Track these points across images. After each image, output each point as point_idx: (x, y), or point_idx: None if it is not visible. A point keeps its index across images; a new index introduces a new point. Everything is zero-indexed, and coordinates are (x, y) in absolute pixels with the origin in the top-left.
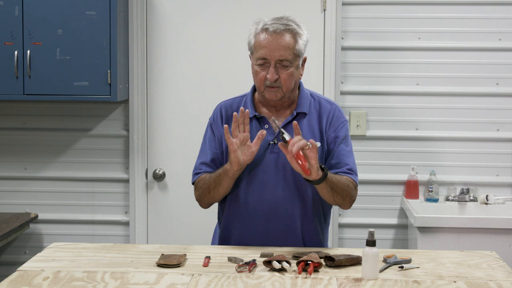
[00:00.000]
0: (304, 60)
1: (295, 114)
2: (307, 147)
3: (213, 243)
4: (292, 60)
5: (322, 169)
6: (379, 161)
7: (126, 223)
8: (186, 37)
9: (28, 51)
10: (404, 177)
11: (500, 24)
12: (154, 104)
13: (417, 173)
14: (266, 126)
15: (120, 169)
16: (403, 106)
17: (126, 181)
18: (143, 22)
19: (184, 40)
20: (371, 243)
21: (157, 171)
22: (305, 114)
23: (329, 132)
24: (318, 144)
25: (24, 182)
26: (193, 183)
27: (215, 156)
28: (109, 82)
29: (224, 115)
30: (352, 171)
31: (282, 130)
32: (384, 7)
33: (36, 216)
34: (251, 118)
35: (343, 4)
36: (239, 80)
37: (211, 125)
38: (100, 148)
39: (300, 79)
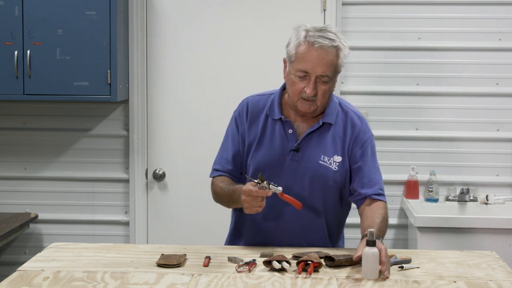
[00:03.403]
0: (339, 72)
1: (321, 123)
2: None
3: (226, 240)
4: (332, 76)
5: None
6: (379, 161)
7: (126, 223)
8: (186, 37)
9: (28, 51)
10: (404, 177)
11: (500, 24)
12: (154, 104)
13: (417, 173)
14: (290, 131)
15: (120, 169)
16: (403, 106)
17: (126, 181)
18: (143, 22)
19: (184, 40)
20: (371, 243)
21: (157, 171)
22: (330, 124)
23: (355, 148)
24: (339, 158)
25: (24, 182)
26: (210, 176)
27: (236, 153)
28: (109, 82)
29: (250, 111)
30: (382, 191)
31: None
32: (384, 7)
33: (36, 216)
34: (275, 120)
35: (343, 4)
36: (239, 80)
37: (236, 120)
38: (100, 148)
39: (333, 91)
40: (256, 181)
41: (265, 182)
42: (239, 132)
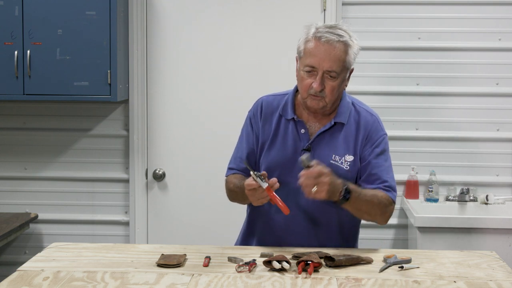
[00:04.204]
0: (351, 71)
1: (333, 123)
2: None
3: (238, 237)
4: (340, 72)
5: (348, 191)
6: None
7: (126, 223)
8: (186, 37)
9: (28, 51)
10: (404, 177)
11: (500, 24)
12: (154, 104)
13: (417, 173)
14: (303, 130)
15: (120, 169)
16: (403, 106)
17: (126, 181)
18: (143, 22)
19: (184, 40)
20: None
21: (157, 171)
22: (343, 124)
23: (366, 146)
24: (351, 158)
25: (24, 182)
26: (226, 176)
27: (250, 151)
28: (109, 82)
29: (264, 111)
30: (390, 188)
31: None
32: (384, 7)
33: (36, 216)
34: (288, 120)
35: (343, 4)
36: (239, 80)
37: (250, 119)
38: (100, 148)
39: (344, 89)
40: (248, 167)
41: (251, 173)
42: (254, 131)
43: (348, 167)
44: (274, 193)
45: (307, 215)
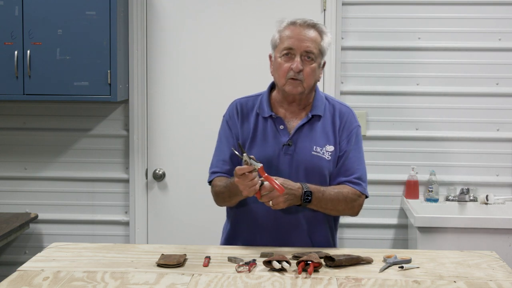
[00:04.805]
0: (324, 64)
1: (310, 116)
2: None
3: (221, 240)
4: (317, 55)
5: (308, 195)
6: (379, 161)
7: (126, 223)
8: (186, 37)
9: (28, 51)
10: (404, 177)
11: (500, 24)
12: (154, 104)
13: (417, 173)
14: (282, 127)
15: (120, 169)
16: (403, 106)
17: (126, 181)
18: (143, 22)
19: (184, 40)
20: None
21: (157, 171)
22: (319, 116)
23: (342, 137)
24: (331, 148)
25: (24, 182)
26: (209, 182)
27: (232, 152)
28: (109, 82)
29: (239, 111)
30: (359, 180)
31: (249, 159)
32: (384, 7)
33: (36, 216)
34: (266, 118)
35: (343, 4)
36: (239, 80)
37: (227, 122)
38: (100, 148)
39: (318, 81)
40: (237, 154)
41: (244, 155)
42: (233, 133)
43: (330, 157)
44: (267, 175)
45: (293, 211)
